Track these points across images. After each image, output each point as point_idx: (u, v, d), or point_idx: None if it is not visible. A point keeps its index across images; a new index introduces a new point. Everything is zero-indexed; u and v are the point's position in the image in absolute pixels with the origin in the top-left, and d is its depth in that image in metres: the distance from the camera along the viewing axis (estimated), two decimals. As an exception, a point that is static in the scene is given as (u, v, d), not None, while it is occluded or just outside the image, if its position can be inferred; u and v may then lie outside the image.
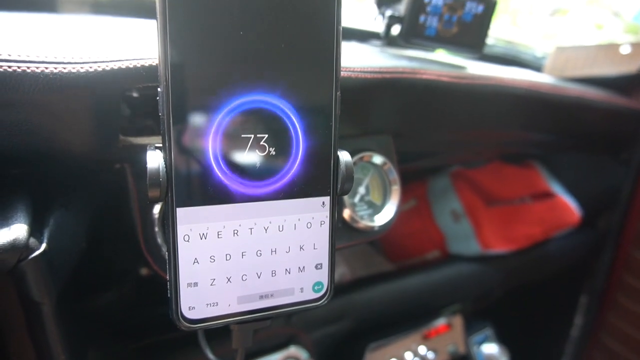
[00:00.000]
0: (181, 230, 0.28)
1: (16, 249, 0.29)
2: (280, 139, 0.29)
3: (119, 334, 0.51)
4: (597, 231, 0.96)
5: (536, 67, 0.95)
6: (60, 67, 0.30)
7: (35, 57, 0.29)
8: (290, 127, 0.29)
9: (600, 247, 0.96)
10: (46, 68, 0.29)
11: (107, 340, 0.50)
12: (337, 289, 0.33)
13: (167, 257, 0.29)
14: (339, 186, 0.31)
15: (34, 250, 0.30)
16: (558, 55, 0.85)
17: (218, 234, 0.29)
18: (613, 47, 0.81)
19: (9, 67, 0.29)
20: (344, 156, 0.31)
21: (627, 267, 0.94)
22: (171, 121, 0.26)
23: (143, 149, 0.35)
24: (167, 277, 0.29)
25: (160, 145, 0.27)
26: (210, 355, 0.47)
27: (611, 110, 0.77)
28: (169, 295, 0.29)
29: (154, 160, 0.27)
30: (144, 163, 0.27)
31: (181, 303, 0.29)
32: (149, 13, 0.58)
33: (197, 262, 0.28)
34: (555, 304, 1.04)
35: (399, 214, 0.51)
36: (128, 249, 0.47)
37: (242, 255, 0.30)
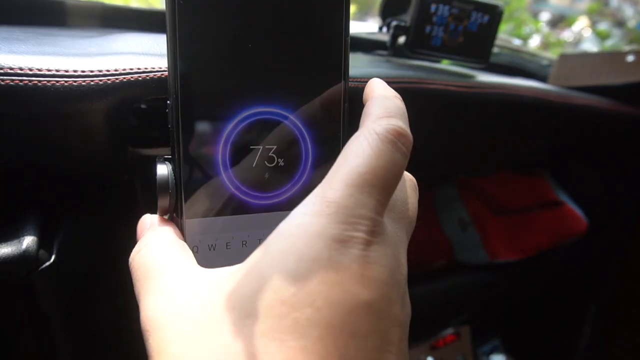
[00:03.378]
0: (190, 241, 0.28)
1: (26, 261, 0.29)
2: (289, 150, 0.29)
3: (125, 345, 0.51)
4: (605, 240, 0.95)
5: (541, 75, 0.95)
6: (70, 80, 0.30)
7: (45, 70, 0.30)
8: (299, 138, 0.29)
9: (608, 256, 0.95)
10: (57, 81, 0.30)
11: (114, 351, 0.50)
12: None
13: None
14: (347, 197, 0.31)
15: (43, 262, 0.30)
16: (563, 63, 0.85)
17: (227, 245, 0.29)
18: (618, 56, 0.81)
19: (20, 80, 0.29)
20: None
21: (636, 276, 0.93)
22: (180, 133, 0.26)
23: (151, 160, 0.35)
24: None
25: (169, 156, 0.27)
26: None
27: (617, 119, 0.76)
28: (177, 306, 0.29)
29: (163, 172, 0.27)
30: (152, 174, 0.27)
31: (190, 314, 0.28)
32: (157, 26, 0.59)
33: (206, 273, 0.28)
34: (563, 314, 1.03)
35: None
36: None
37: (251, 266, 0.30)
